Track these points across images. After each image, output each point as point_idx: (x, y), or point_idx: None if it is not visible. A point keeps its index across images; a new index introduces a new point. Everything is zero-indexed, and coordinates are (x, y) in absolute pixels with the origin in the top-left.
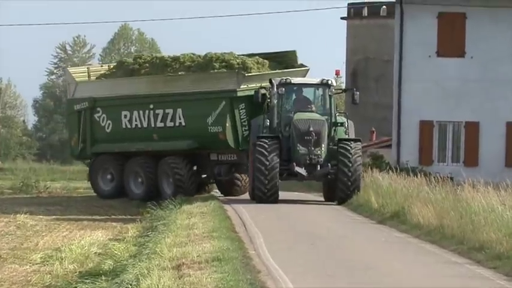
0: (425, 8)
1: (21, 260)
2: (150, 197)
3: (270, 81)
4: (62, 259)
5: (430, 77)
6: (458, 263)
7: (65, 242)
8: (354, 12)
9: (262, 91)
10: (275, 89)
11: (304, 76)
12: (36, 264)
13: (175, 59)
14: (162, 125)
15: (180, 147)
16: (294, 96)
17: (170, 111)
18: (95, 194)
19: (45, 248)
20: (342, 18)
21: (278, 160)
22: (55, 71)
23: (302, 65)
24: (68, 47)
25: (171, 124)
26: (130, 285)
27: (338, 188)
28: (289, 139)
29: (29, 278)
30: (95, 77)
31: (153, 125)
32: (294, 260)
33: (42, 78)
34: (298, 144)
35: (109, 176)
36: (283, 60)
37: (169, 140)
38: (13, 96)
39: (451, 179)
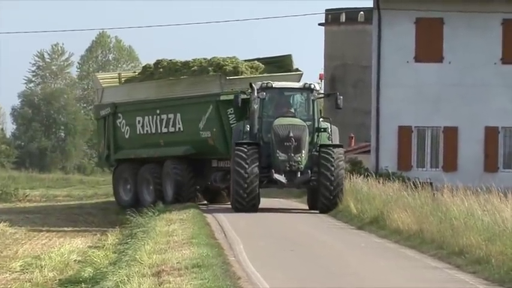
0: (403, 13)
1: (0, 268)
2: (159, 200)
3: (250, 86)
4: (42, 267)
5: (408, 83)
6: (438, 267)
7: (44, 250)
8: (331, 18)
9: (242, 96)
10: (255, 94)
11: (298, 81)
12: (16, 272)
13: (186, 63)
14: (166, 130)
15: (178, 153)
16: (275, 101)
17: (172, 116)
18: (73, 202)
19: (25, 256)
20: (320, 24)
21: (257, 169)
22: (33, 79)
23: (297, 70)
24: (46, 55)
25: (172, 129)
26: None
27: (320, 194)
28: (269, 145)
29: (9, 286)
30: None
31: (159, 131)
32: (273, 266)
33: (20, 87)
34: (278, 151)
35: (128, 186)
36: (281, 64)
37: (171, 145)
38: None
39: (430, 184)
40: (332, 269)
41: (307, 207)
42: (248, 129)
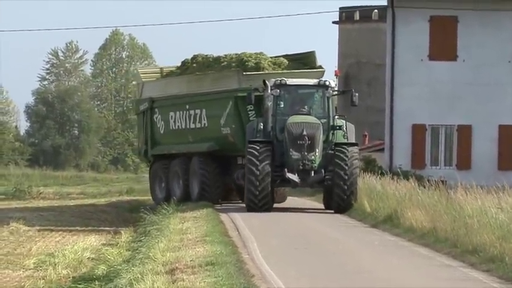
0: (417, 11)
1: (14, 266)
2: (186, 198)
3: (264, 82)
4: (56, 264)
5: (422, 81)
6: (452, 266)
7: (58, 247)
8: (345, 16)
9: (255, 92)
10: (269, 91)
11: (320, 78)
12: (30, 269)
13: (217, 59)
14: (193, 126)
15: (202, 149)
16: (289, 98)
17: (198, 111)
18: (87, 200)
19: (39, 254)
20: (334, 22)
21: (269, 168)
22: (47, 76)
23: (320, 67)
24: (60, 53)
25: (199, 125)
26: None
27: (334, 193)
28: (283, 144)
29: (23, 284)
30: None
31: (188, 126)
32: (287, 264)
33: (34, 84)
34: (291, 149)
35: (163, 183)
36: (306, 61)
37: (198, 142)
38: (5, 102)
39: (444, 182)
40: (346, 267)
41: (321, 206)
42: (262, 127)
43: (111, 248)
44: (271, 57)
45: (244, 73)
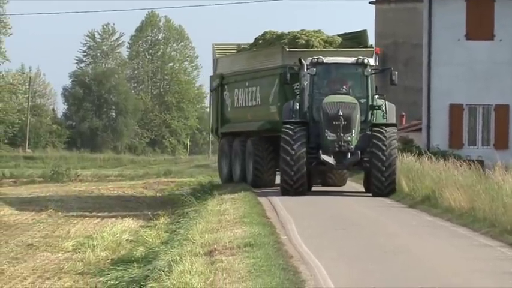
0: None
1: (53, 248)
2: (244, 180)
3: (300, 61)
4: (94, 246)
5: (460, 61)
6: (491, 245)
7: (96, 230)
8: None
9: (291, 71)
10: (305, 70)
11: (371, 57)
12: (68, 252)
13: (280, 36)
14: (251, 103)
15: (254, 128)
16: (326, 77)
17: (254, 89)
18: (125, 182)
19: (77, 236)
20: (370, 2)
21: (304, 149)
22: (84, 59)
23: (371, 46)
24: (97, 35)
25: (255, 103)
26: (163, 271)
27: (372, 176)
28: (319, 124)
29: (61, 266)
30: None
31: (248, 104)
32: (326, 245)
33: (72, 67)
34: (327, 130)
35: (228, 163)
36: (359, 40)
37: (253, 120)
38: (42, 84)
39: (481, 162)
40: (384, 248)
41: (360, 186)
42: (297, 107)
43: (150, 230)
44: (327, 36)
45: (288, 49)
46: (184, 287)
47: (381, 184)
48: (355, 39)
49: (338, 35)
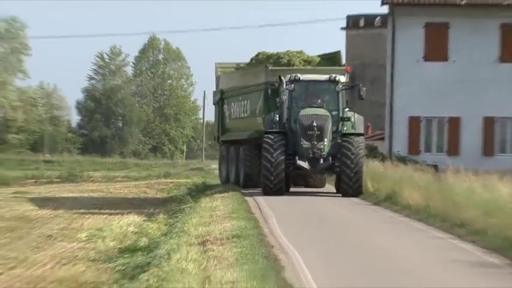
0: (414, 19)
1: (69, 238)
2: (238, 182)
3: (279, 78)
4: (104, 237)
5: (418, 79)
6: (442, 237)
7: (106, 223)
8: (352, 23)
9: (272, 87)
10: (284, 86)
11: (343, 75)
12: (82, 241)
13: (269, 56)
14: (243, 115)
15: (244, 137)
16: (302, 93)
17: (245, 102)
18: (130, 182)
19: (89, 228)
20: (342, 28)
21: (283, 156)
22: (94, 76)
23: (344, 65)
24: (105, 56)
25: (246, 115)
26: (163, 258)
27: (342, 180)
28: (296, 134)
29: (76, 254)
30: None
31: (240, 116)
32: (302, 237)
33: (84, 83)
34: (302, 139)
35: (226, 167)
36: (333, 60)
37: (245, 129)
38: (59, 98)
39: (436, 166)
40: (351, 239)
41: (333, 187)
42: (277, 118)
43: (151, 223)
44: (307, 56)
45: (270, 68)
46: (181, 272)
47: (349, 187)
48: (331, 59)
49: (318, 55)
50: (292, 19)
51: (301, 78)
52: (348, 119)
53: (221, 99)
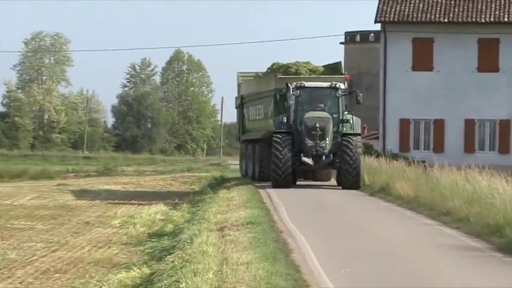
0: (403, 34)
1: (104, 225)
2: (254, 176)
3: (287, 85)
4: (135, 224)
5: (407, 86)
6: (430, 224)
7: (136, 211)
8: (349, 38)
9: (280, 93)
10: (291, 92)
11: (343, 83)
12: (116, 227)
13: (282, 66)
14: (258, 117)
15: (258, 136)
16: (307, 98)
17: (260, 106)
18: (158, 176)
19: (122, 216)
20: (341, 43)
21: (290, 153)
22: (127, 84)
23: (343, 74)
24: (136, 67)
25: (260, 117)
26: (186, 242)
27: (342, 175)
28: (301, 134)
29: (111, 238)
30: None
31: (257, 118)
32: (307, 223)
33: (118, 90)
34: (307, 138)
35: (245, 162)
36: (336, 69)
37: (260, 130)
38: (96, 103)
39: (424, 162)
40: (350, 225)
41: (335, 183)
42: (285, 120)
43: (176, 211)
44: (313, 66)
45: (279, 76)
46: (202, 254)
47: (348, 181)
48: (333, 68)
49: (322, 66)
50: (301, 34)
51: (305, 85)
52: (347, 121)
53: (241, 103)
